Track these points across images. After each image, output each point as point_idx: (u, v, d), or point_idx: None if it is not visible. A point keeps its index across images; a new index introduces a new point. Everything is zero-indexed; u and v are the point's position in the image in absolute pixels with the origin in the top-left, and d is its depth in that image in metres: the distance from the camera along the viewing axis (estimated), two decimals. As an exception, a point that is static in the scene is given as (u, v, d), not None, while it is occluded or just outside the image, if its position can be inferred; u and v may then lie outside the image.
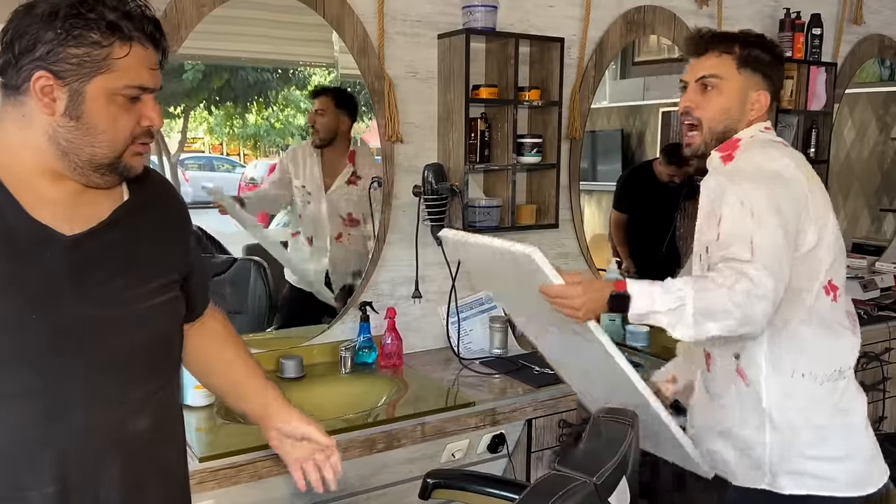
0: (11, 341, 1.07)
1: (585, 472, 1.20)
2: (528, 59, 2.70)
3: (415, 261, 2.56)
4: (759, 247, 1.43)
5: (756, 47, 1.65)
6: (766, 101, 1.66)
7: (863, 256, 4.02)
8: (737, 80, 1.64)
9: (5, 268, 1.06)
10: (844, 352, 1.64)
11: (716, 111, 1.65)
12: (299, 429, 1.49)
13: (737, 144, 1.65)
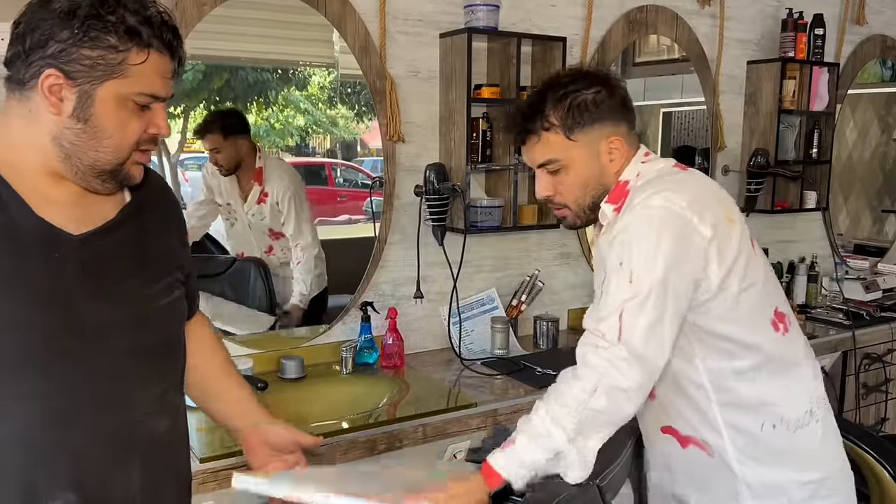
0: (17, 340, 1.04)
1: (591, 475, 1.19)
2: (530, 58, 2.70)
3: (416, 261, 2.55)
4: (627, 327, 1.27)
5: (574, 95, 1.39)
6: (621, 142, 1.42)
7: (865, 258, 4.01)
8: (576, 148, 1.40)
9: (9, 264, 1.04)
10: (807, 385, 1.46)
11: (575, 191, 1.44)
12: (290, 439, 1.44)
13: (626, 190, 1.41)
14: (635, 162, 1.44)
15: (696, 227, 1.30)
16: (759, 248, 1.46)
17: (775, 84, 3.25)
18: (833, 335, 3.04)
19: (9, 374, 1.05)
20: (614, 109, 1.42)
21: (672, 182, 1.37)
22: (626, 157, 1.44)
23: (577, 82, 1.41)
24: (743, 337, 1.38)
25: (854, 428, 2.22)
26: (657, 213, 1.31)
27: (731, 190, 3.37)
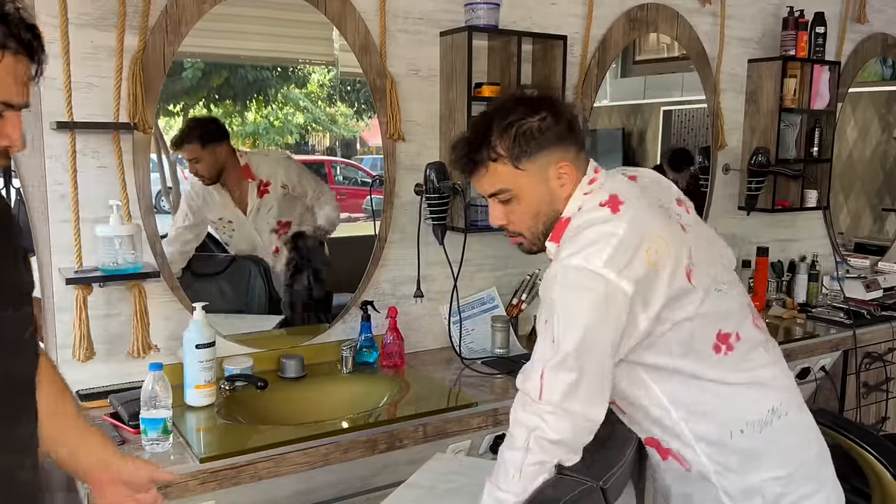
0: None
1: (592, 476, 1.18)
2: (530, 56, 2.69)
3: (416, 260, 2.54)
4: (548, 386, 1.30)
5: (519, 123, 1.37)
6: (572, 167, 1.41)
7: (865, 256, 4.01)
8: (524, 177, 1.39)
9: None
10: (767, 386, 1.46)
11: (527, 219, 1.44)
12: (145, 476, 1.35)
13: (565, 227, 1.41)
14: (577, 194, 1.43)
15: (617, 285, 1.29)
16: (706, 269, 1.41)
17: (776, 82, 3.24)
18: (834, 334, 3.04)
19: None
20: (561, 135, 1.40)
21: (599, 233, 1.34)
22: (575, 182, 1.43)
23: (521, 109, 1.39)
24: (684, 366, 1.39)
25: (855, 427, 2.22)
26: (576, 278, 1.31)
27: (731, 189, 3.39)
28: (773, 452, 1.43)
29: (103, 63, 2.02)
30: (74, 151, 2.00)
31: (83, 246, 2.03)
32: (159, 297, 2.16)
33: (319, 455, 1.85)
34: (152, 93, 2.08)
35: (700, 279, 1.38)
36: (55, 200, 2.02)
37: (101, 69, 2.01)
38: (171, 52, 2.09)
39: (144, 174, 2.10)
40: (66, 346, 2.05)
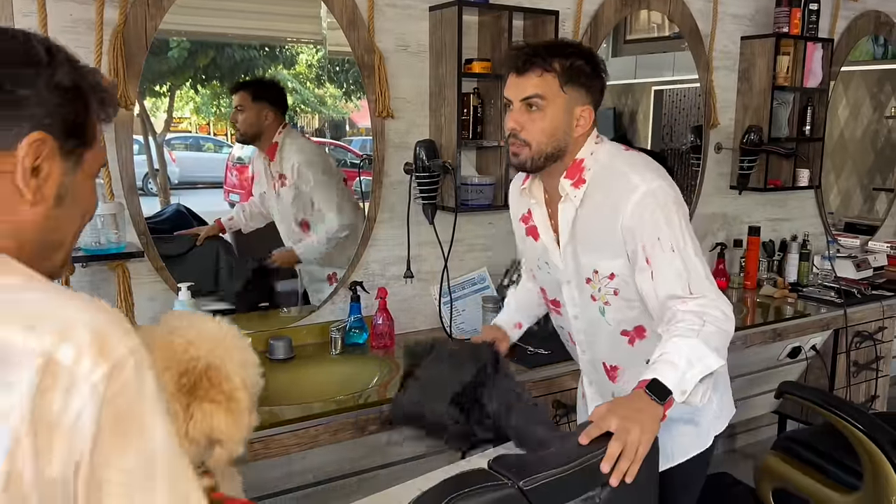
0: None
1: (515, 475, 1.15)
2: (521, 32, 2.64)
3: (406, 240, 2.51)
4: (694, 280, 1.52)
5: (576, 59, 1.58)
6: (590, 116, 1.61)
7: (855, 236, 4.01)
8: (561, 99, 1.57)
9: None
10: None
11: (542, 134, 1.58)
12: None
13: (581, 167, 1.62)
14: (589, 143, 1.64)
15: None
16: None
17: (769, 60, 3.21)
18: (824, 313, 3.04)
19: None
20: (597, 89, 1.63)
21: (637, 159, 1.63)
22: (587, 130, 1.62)
23: (580, 51, 1.61)
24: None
25: (846, 406, 2.22)
26: (664, 195, 1.56)
27: (723, 167, 3.37)
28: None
29: (83, 37, 1.96)
30: (54, 128, 1.94)
31: (65, 225, 1.98)
32: (144, 277, 2.13)
33: (309, 437, 1.83)
34: (134, 68, 2.02)
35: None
36: (35, 179, 1.97)
37: (80, 43, 1.96)
38: (153, 27, 2.04)
39: (127, 151, 2.06)
40: (49, 328, 2.01)
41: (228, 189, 2.59)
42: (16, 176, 0.78)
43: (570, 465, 1.20)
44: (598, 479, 1.24)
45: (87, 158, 0.85)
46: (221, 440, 0.96)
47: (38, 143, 0.78)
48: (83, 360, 0.68)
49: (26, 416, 0.66)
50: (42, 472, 0.67)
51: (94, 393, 0.68)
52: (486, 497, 1.10)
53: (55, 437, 0.67)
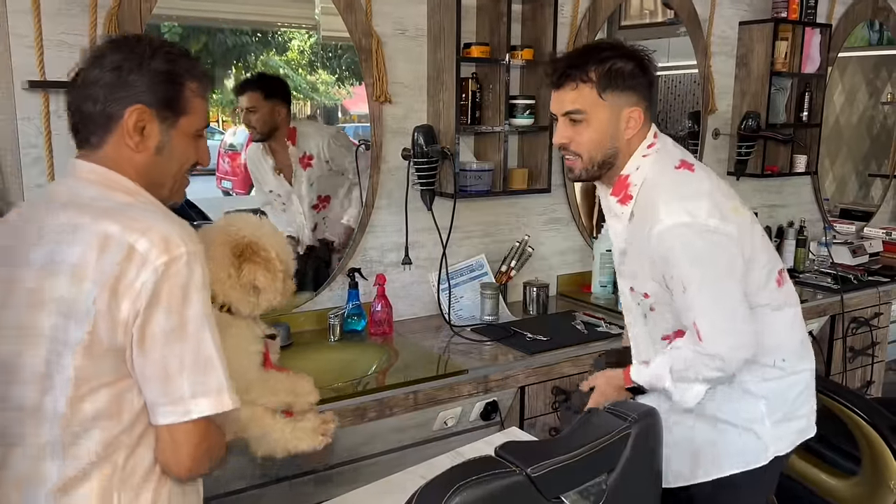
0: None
1: (522, 462, 1.14)
2: (520, 17, 2.62)
3: (404, 226, 2.49)
4: (703, 323, 1.51)
5: (614, 61, 1.53)
6: (640, 116, 1.57)
7: (851, 222, 4.02)
8: (602, 107, 1.55)
9: None
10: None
11: (590, 145, 1.58)
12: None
13: (627, 183, 1.59)
14: (636, 156, 1.59)
15: (729, 215, 1.52)
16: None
17: (767, 45, 3.20)
18: (821, 299, 3.04)
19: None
20: (643, 86, 1.57)
21: (691, 190, 1.54)
22: (639, 132, 1.58)
23: (619, 51, 1.56)
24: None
25: (843, 390, 2.23)
26: (699, 216, 1.49)
27: (721, 153, 3.37)
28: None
29: (76, 19, 1.93)
30: (48, 112, 1.92)
31: (59, 212, 1.96)
32: (140, 264, 2.10)
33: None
34: (128, 52, 1.99)
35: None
36: (28, 164, 1.94)
37: (74, 26, 1.92)
38: (147, 9, 2.01)
39: (122, 137, 2.03)
40: (45, 316, 1.99)
41: (221, 176, 2.56)
42: (126, 132, 1.14)
43: (577, 451, 1.20)
44: (604, 466, 1.24)
45: (181, 123, 1.18)
46: (261, 288, 1.36)
47: (138, 111, 1.13)
48: (153, 250, 1.04)
49: (110, 281, 1.03)
50: (115, 317, 1.03)
51: (154, 273, 1.03)
52: (494, 484, 1.10)
53: (125, 296, 1.03)
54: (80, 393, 1.06)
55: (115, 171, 1.14)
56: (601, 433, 1.26)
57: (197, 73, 1.20)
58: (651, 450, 1.33)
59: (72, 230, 1.08)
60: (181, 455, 1.09)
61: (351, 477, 1.98)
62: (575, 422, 1.39)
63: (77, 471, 1.08)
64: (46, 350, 1.06)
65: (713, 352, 1.51)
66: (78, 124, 1.17)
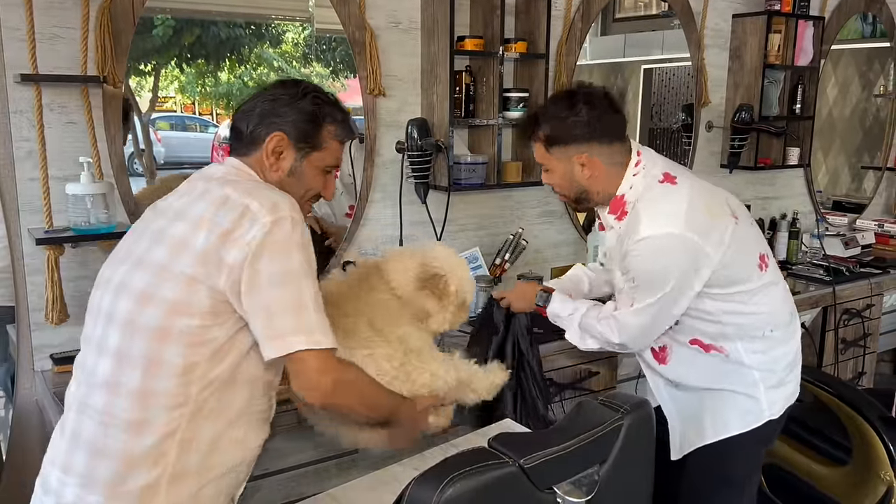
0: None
1: (515, 453, 1.15)
2: (514, 9, 2.62)
3: (398, 219, 2.49)
4: (632, 318, 1.74)
5: (565, 114, 1.68)
6: (592, 161, 1.71)
7: (843, 214, 4.04)
8: (554, 161, 1.74)
9: None
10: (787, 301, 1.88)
11: (559, 188, 1.79)
12: None
13: (623, 202, 1.73)
14: (627, 176, 1.72)
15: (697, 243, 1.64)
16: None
17: (761, 38, 3.20)
18: (813, 291, 3.06)
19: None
20: (590, 132, 1.69)
21: (670, 203, 1.67)
22: (602, 172, 1.71)
23: (563, 104, 1.71)
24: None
25: (835, 382, 2.24)
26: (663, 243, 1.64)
27: (714, 146, 3.37)
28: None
29: (69, 12, 1.92)
30: (41, 106, 1.91)
31: (53, 205, 1.96)
32: (134, 258, 2.10)
33: (302, 416, 1.82)
34: (122, 45, 1.99)
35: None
36: (22, 158, 1.94)
37: (66, 19, 1.92)
38: (140, 2, 2.00)
39: (116, 130, 2.03)
40: (39, 309, 1.99)
41: (215, 169, 2.55)
42: (265, 152, 1.38)
43: (570, 443, 1.20)
44: (596, 457, 1.25)
45: (314, 156, 1.40)
46: (430, 315, 1.62)
47: (278, 138, 1.37)
48: (262, 210, 1.23)
49: (223, 230, 1.23)
50: (221, 260, 1.22)
51: (262, 227, 1.22)
52: (487, 476, 1.10)
53: (235, 245, 1.22)
54: (170, 320, 1.23)
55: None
56: (594, 424, 1.26)
57: (338, 119, 1.42)
58: (643, 441, 1.33)
59: (201, 193, 1.31)
60: (303, 382, 1.27)
61: (345, 469, 1.98)
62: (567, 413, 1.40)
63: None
64: (150, 274, 1.25)
65: (623, 341, 1.77)
66: (233, 138, 1.41)
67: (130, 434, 1.22)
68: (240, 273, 1.21)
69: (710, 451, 1.82)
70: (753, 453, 1.87)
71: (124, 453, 1.23)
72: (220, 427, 1.27)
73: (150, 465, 1.23)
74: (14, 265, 1.99)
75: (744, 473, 1.87)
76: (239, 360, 1.28)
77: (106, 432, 1.24)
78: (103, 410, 1.25)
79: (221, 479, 1.30)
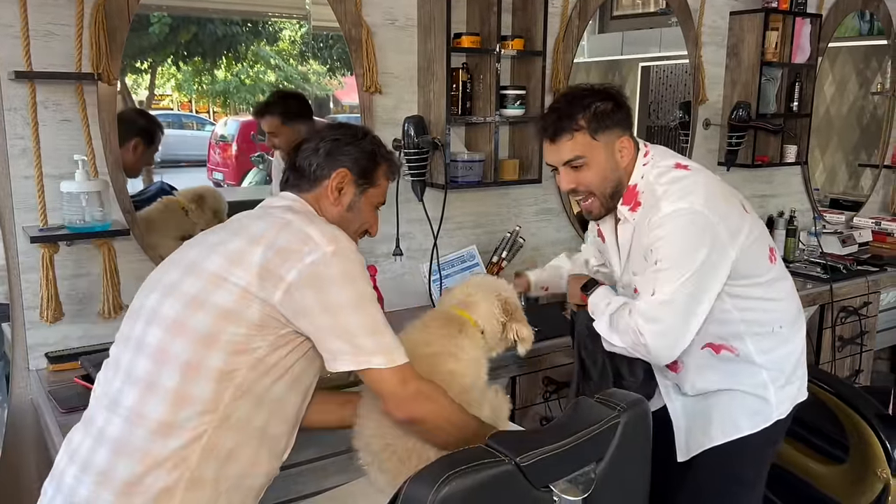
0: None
1: (511, 451, 1.15)
2: (511, 6, 2.61)
3: (395, 217, 2.49)
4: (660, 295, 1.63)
5: (596, 104, 1.68)
6: (630, 142, 1.72)
7: (841, 212, 4.04)
8: (598, 148, 1.69)
9: None
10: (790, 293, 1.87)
11: (597, 182, 1.72)
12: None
13: (636, 192, 1.73)
14: (638, 166, 1.73)
15: (718, 207, 1.63)
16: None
17: (758, 35, 3.20)
18: (811, 289, 3.06)
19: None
20: (623, 118, 1.72)
21: (689, 183, 1.67)
22: (631, 155, 1.73)
23: (596, 96, 1.70)
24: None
25: (832, 379, 2.24)
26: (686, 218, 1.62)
27: (711, 144, 3.37)
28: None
29: (63, 10, 1.91)
30: (35, 103, 1.90)
31: (48, 203, 1.95)
32: (130, 255, 2.09)
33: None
34: (116, 43, 1.98)
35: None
36: (16, 155, 1.93)
37: (60, 16, 1.91)
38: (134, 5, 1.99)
39: (111, 128, 2.02)
40: (34, 308, 1.98)
41: (212, 167, 2.56)
42: (329, 188, 1.47)
43: (567, 441, 1.20)
44: (593, 455, 1.24)
45: (370, 192, 1.51)
46: (523, 339, 1.75)
47: (341, 175, 1.47)
48: (323, 240, 1.30)
49: (282, 250, 1.29)
50: (278, 275, 1.27)
51: (322, 255, 1.29)
52: (483, 474, 1.10)
53: (296, 265, 1.27)
54: (220, 326, 1.27)
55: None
56: (590, 422, 1.26)
57: (390, 159, 1.54)
58: (640, 438, 1.33)
59: (261, 215, 1.41)
60: (388, 397, 1.36)
61: (342, 467, 1.98)
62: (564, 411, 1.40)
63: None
64: (204, 281, 1.30)
65: (649, 338, 1.63)
66: (291, 175, 1.49)
67: (158, 435, 1.24)
68: (298, 294, 1.27)
69: (719, 451, 1.81)
70: (762, 454, 1.86)
71: (147, 454, 1.24)
72: (240, 439, 1.30)
73: (170, 468, 1.24)
74: (8, 263, 1.98)
75: (753, 473, 1.86)
76: (275, 379, 1.32)
77: (132, 431, 1.25)
78: (133, 409, 1.26)
79: (232, 494, 1.31)
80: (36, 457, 2.01)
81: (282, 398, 1.35)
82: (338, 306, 1.28)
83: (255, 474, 1.35)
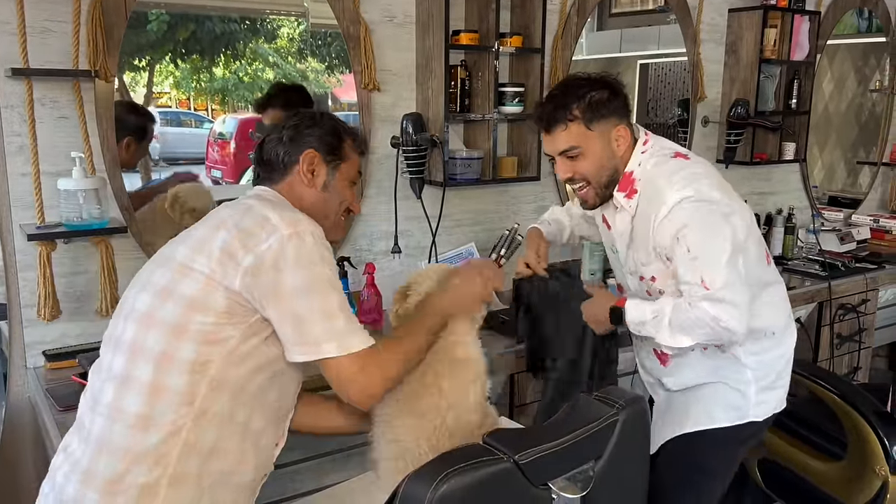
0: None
1: (510, 449, 1.15)
2: (509, 3, 2.61)
3: (393, 215, 2.48)
4: (709, 275, 1.60)
5: (591, 94, 1.67)
6: (627, 131, 1.72)
7: (839, 209, 4.04)
8: (593, 137, 1.69)
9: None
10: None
11: (593, 171, 1.72)
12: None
13: (632, 179, 1.73)
14: (636, 153, 1.73)
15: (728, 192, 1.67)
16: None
17: (757, 33, 3.20)
18: (809, 286, 3.06)
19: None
20: (620, 106, 1.71)
21: (691, 173, 1.67)
22: (629, 144, 1.72)
23: (592, 85, 1.69)
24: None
25: (830, 376, 2.25)
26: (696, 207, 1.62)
27: (710, 141, 3.37)
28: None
29: (60, 6, 1.91)
30: (32, 100, 1.90)
31: (45, 201, 1.95)
32: (128, 253, 2.09)
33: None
34: (114, 40, 1.97)
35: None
36: (13, 153, 1.92)
37: (57, 12, 1.91)
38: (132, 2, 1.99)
39: (108, 125, 2.01)
40: (31, 306, 1.98)
41: (210, 165, 2.55)
42: (301, 171, 1.46)
43: (565, 438, 1.20)
44: (591, 453, 1.24)
45: (342, 167, 1.50)
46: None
47: (310, 156, 1.46)
48: (282, 224, 1.29)
49: (242, 234, 1.28)
50: (237, 261, 1.26)
51: (279, 239, 1.27)
52: (482, 472, 1.10)
53: (252, 251, 1.27)
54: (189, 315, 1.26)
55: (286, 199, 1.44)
56: (589, 420, 1.26)
57: (352, 133, 1.54)
58: (639, 436, 1.34)
59: (228, 205, 1.40)
60: (349, 386, 1.32)
61: (341, 465, 1.98)
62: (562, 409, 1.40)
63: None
64: (172, 271, 1.30)
65: (727, 325, 1.58)
66: (261, 170, 1.49)
67: (136, 430, 1.23)
68: (257, 279, 1.26)
69: (686, 440, 1.82)
70: (730, 451, 1.86)
71: (127, 451, 1.23)
72: (221, 434, 1.29)
73: (151, 464, 1.23)
74: (6, 261, 1.98)
75: (717, 465, 1.86)
76: (252, 371, 1.30)
77: (112, 427, 1.25)
78: (112, 405, 1.26)
79: (217, 491, 1.29)
80: (33, 455, 2.00)
81: (261, 392, 1.33)
82: (290, 291, 1.26)
83: (242, 471, 1.34)
